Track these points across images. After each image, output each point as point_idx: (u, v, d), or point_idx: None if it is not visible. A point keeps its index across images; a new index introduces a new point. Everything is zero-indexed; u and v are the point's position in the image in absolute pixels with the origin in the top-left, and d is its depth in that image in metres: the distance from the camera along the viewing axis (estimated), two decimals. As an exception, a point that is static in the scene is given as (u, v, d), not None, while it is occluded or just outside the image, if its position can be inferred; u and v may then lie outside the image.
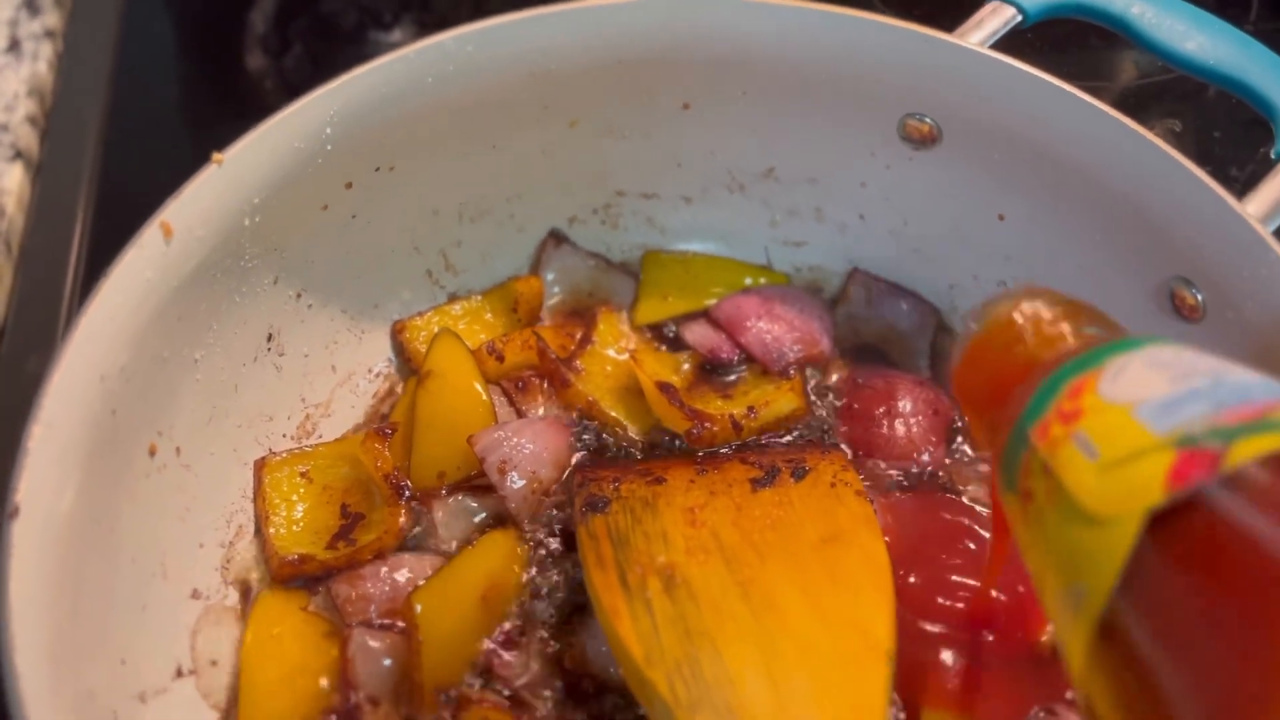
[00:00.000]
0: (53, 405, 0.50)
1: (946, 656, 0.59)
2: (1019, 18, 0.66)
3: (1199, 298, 0.60)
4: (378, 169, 0.67)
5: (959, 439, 0.69)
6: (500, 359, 0.70)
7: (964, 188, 0.70)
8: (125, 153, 0.89)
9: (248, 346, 0.65)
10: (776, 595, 0.53)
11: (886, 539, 0.57)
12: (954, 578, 0.61)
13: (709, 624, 0.52)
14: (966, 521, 0.64)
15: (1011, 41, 0.66)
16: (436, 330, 0.71)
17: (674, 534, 0.58)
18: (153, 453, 0.58)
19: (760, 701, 0.48)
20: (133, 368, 0.54)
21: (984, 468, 0.68)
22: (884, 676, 0.49)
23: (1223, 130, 0.90)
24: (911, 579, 0.61)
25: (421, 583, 0.60)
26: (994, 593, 0.59)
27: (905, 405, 0.68)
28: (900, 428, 0.67)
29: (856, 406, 0.69)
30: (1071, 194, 0.65)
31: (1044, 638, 0.60)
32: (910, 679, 0.58)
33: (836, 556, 0.56)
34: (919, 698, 0.58)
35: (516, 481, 0.64)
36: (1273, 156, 0.60)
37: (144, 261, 0.55)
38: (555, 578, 0.63)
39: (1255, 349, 0.58)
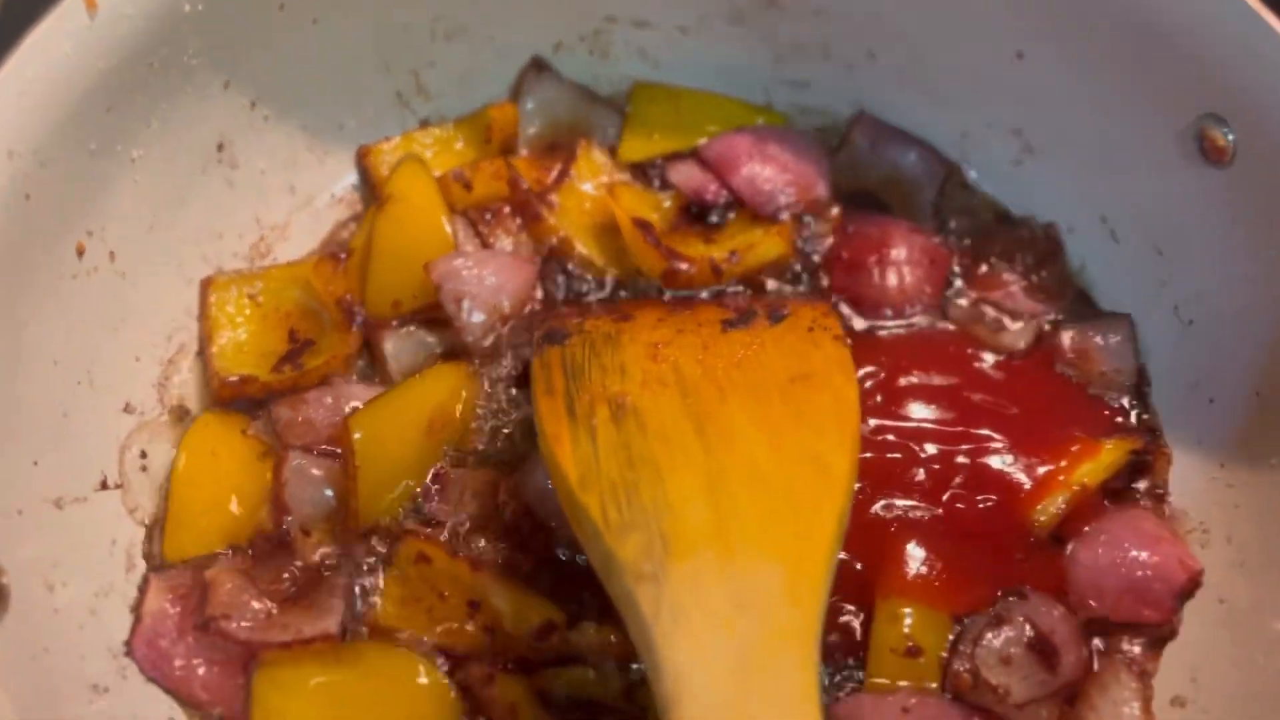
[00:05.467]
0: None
1: (909, 541, 0.55)
2: None
3: (1229, 138, 0.55)
4: (340, -34, 0.62)
5: (957, 283, 0.64)
6: (468, 187, 0.65)
7: (981, 22, 0.63)
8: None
9: (195, 154, 0.61)
10: (733, 430, 0.49)
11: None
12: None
13: (656, 453, 0.48)
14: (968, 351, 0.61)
15: None
16: (403, 155, 0.67)
17: (632, 367, 0.54)
18: (80, 253, 0.54)
19: (698, 528, 0.44)
20: (50, 152, 0.50)
21: (990, 313, 0.64)
22: (837, 507, 0.46)
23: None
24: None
25: (364, 409, 0.57)
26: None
27: (899, 253, 0.63)
28: (892, 278, 0.62)
29: (846, 255, 0.64)
30: (1097, 26, 0.59)
31: (1041, 517, 0.56)
32: (865, 569, 0.54)
33: (805, 396, 0.52)
34: (874, 586, 0.54)
35: (474, 315, 0.60)
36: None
37: (63, 35, 0.50)
38: (505, 417, 0.59)
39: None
